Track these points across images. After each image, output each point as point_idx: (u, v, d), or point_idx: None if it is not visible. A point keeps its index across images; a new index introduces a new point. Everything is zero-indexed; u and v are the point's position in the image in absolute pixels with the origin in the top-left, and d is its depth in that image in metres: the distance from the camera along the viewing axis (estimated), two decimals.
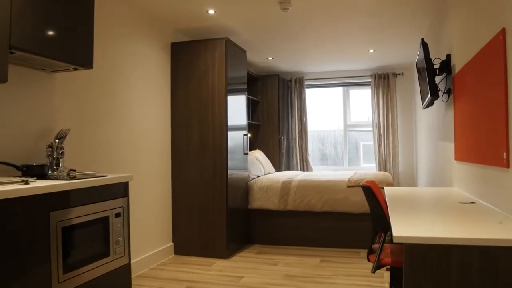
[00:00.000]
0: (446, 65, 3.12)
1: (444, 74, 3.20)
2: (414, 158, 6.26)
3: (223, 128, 4.02)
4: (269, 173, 5.40)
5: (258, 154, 5.47)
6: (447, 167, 3.31)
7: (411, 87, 6.35)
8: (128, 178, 2.49)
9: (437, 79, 3.36)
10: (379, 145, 6.31)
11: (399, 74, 6.36)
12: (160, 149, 4.00)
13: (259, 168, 5.09)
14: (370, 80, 6.46)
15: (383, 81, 6.33)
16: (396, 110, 6.32)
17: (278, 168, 6.22)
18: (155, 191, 3.91)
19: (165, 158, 4.11)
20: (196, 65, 4.12)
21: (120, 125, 3.38)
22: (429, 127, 4.39)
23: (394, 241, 1.33)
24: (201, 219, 4.09)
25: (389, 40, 4.71)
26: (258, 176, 4.92)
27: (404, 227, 1.50)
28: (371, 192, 2.02)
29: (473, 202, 2.15)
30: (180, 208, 4.17)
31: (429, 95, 3.06)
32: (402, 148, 6.39)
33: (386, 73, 6.32)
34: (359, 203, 4.19)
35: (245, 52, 4.58)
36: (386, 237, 2.15)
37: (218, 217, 4.04)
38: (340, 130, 6.80)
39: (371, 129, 6.46)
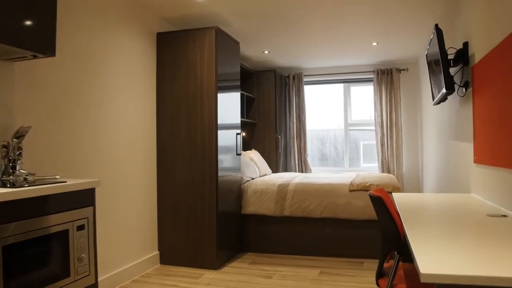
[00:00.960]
0: (462, 55, 2.75)
1: (460, 65, 2.84)
2: (419, 159, 5.90)
3: (213, 126, 3.65)
4: (265, 175, 5.04)
5: (253, 155, 5.11)
6: (463, 170, 2.95)
7: (415, 84, 5.98)
8: (94, 184, 2.12)
9: (452, 71, 2.99)
10: (382, 145, 5.95)
11: (403, 69, 6.00)
12: (144, 149, 3.63)
13: (254, 169, 4.73)
14: (372, 76, 6.09)
15: (386, 77, 5.96)
16: (400, 108, 5.95)
17: (275, 169, 5.85)
18: (139, 194, 3.54)
19: (150, 159, 3.74)
20: (184, 57, 3.75)
21: (96, 122, 3.01)
22: (439, 125, 4.02)
23: (422, 280, 0.97)
24: (188, 225, 3.73)
25: (394, 32, 4.35)
26: (252, 179, 4.56)
27: (432, 258, 1.14)
28: (382, 204, 1.65)
29: (504, 215, 1.79)
30: (166, 213, 3.80)
31: (443, 89, 2.69)
32: (406, 148, 6.03)
33: (389, 68, 5.96)
34: (362, 209, 3.83)
35: (238, 43, 4.21)
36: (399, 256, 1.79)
37: (207, 223, 3.67)
38: (340, 129, 6.44)
39: (374, 128, 6.09)
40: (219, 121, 3.70)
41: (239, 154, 4.12)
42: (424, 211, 1.94)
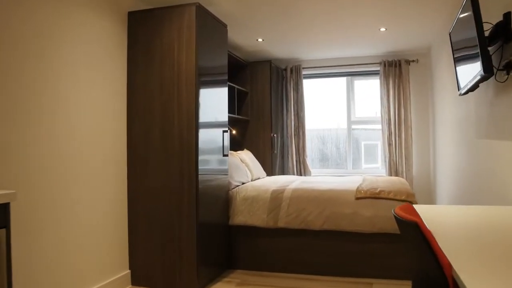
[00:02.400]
0: (503, 29, 2.16)
1: (499, 43, 2.24)
2: (431, 161, 5.30)
3: (192, 122, 3.05)
4: (258, 179, 4.44)
5: (244, 155, 4.51)
6: (502, 176, 2.35)
7: (427, 77, 5.39)
8: (7, 197, 1.52)
9: None
10: (390, 145, 5.35)
11: (413, 61, 5.40)
12: (111, 149, 3.04)
13: (245, 172, 4.12)
14: (378, 68, 5.50)
15: (394, 70, 5.37)
16: (410, 104, 5.35)
17: (270, 172, 5.25)
18: (104, 203, 2.95)
19: (119, 161, 3.14)
20: (158, 41, 3.15)
21: (47, 117, 2.42)
22: (461, 121, 3.42)
23: None
24: (164, 239, 3.13)
25: (405, 15, 3.75)
26: (243, 183, 3.96)
27: None
28: (420, 234, 1.06)
29: None
30: (138, 225, 3.21)
31: (480, 73, 2.10)
32: (416, 148, 5.43)
33: (397, 60, 5.36)
34: (371, 220, 3.23)
35: (225, 26, 3.61)
36: None
37: (185, 236, 3.08)
38: (343, 127, 5.83)
39: (379, 126, 5.50)
40: (202, 118, 3.11)
41: (226, 155, 3.52)
42: (473, 239, 1.35)
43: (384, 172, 5.50)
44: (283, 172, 5.76)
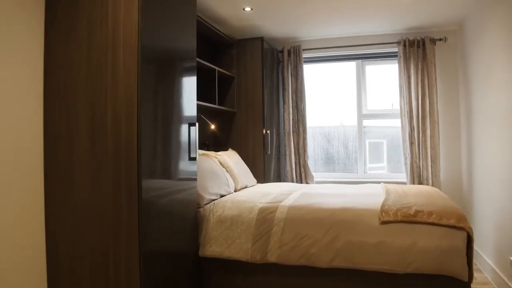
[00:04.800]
0: None
1: None
2: (464, 164, 4.24)
3: (134, 113, 2.01)
4: (245, 188, 3.40)
5: (227, 158, 3.45)
6: None
7: (456, 59, 4.35)
8: None
9: None
10: (412, 144, 4.31)
11: (440, 39, 4.34)
12: (17, 155, 1.99)
13: (225, 181, 3.06)
14: (396, 49, 4.46)
15: (416, 51, 4.32)
16: (436, 93, 4.31)
17: (262, 178, 4.18)
18: (10, 232, 1.92)
19: (32, 171, 2.10)
20: (87, 4, 2.12)
21: None
22: None
23: None
24: (96, 279, 2.10)
25: None
26: (222, 196, 2.91)
27: None
28: None
29: None
30: (61, 260, 2.17)
31: None
32: (443, 148, 4.39)
33: (421, 38, 4.31)
34: (403, 255, 2.18)
35: None
36: None
37: (124, 274, 2.04)
38: (352, 124, 4.80)
39: (399, 121, 4.45)
40: (151, 106, 2.07)
41: (194, 159, 2.46)
42: None
43: (403, 176, 4.46)
44: (279, 177, 4.72)
